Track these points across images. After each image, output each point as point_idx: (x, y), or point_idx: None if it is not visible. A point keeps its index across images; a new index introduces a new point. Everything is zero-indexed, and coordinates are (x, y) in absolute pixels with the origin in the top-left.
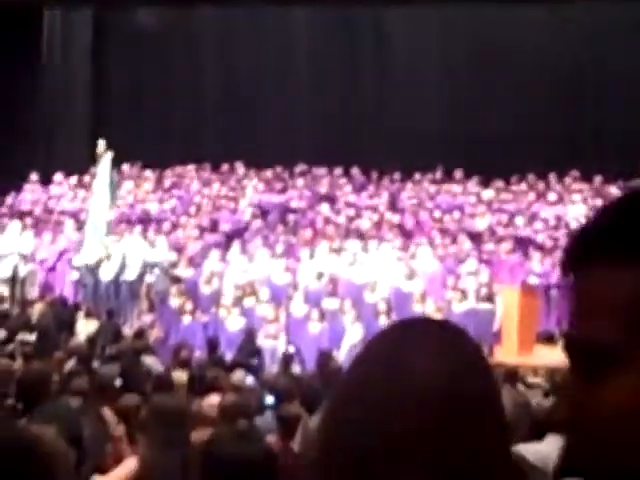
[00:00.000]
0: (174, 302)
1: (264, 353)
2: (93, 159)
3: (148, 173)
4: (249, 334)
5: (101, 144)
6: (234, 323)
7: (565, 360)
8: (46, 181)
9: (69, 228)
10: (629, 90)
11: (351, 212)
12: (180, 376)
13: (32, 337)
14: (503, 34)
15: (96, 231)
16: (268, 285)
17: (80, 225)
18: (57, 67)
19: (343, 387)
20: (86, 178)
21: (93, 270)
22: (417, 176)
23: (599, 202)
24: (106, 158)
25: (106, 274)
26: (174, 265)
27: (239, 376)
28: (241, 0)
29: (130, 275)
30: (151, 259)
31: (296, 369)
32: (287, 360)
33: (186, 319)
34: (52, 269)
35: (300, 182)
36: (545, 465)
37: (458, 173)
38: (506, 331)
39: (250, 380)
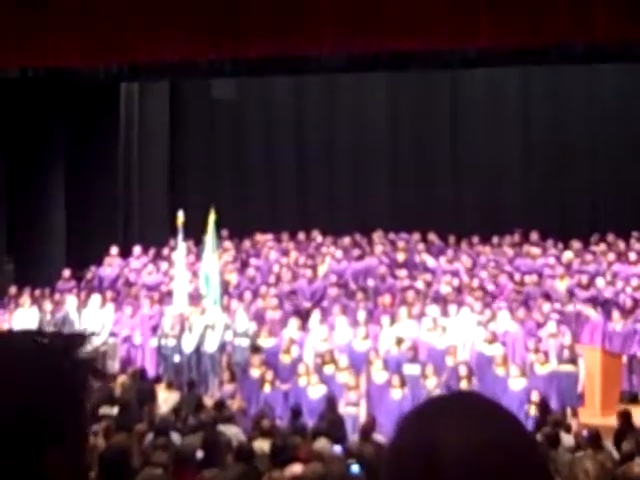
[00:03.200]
0: (255, 372)
1: (346, 421)
2: (172, 230)
3: (227, 244)
4: (330, 402)
5: (180, 215)
6: (315, 391)
7: None
8: (126, 254)
9: (147, 301)
10: None
11: (430, 277)
12: (262, 445)
13: (114, 411)
14: (580, 93)
15: (210, 293)
16: (348, 352)
17: (160, 298)
18: (135, 139)
19: (388, 464)
20: (165, 250)
21: (177, 342)
22: (495, 239)
23: None
24: (211, 220)
25: (187, 346)
26: (255, 335)
27: (322, 444)
28: (316, 69)
29: (211, 346)
30: (231, 329)
31: (378, 437)
32: (368, 428)
33: (267, 388)
34: (133, 342)
35: (378, 248)
36: None
37: (536, 235)
38: (589, 392)
39: (334, 448)
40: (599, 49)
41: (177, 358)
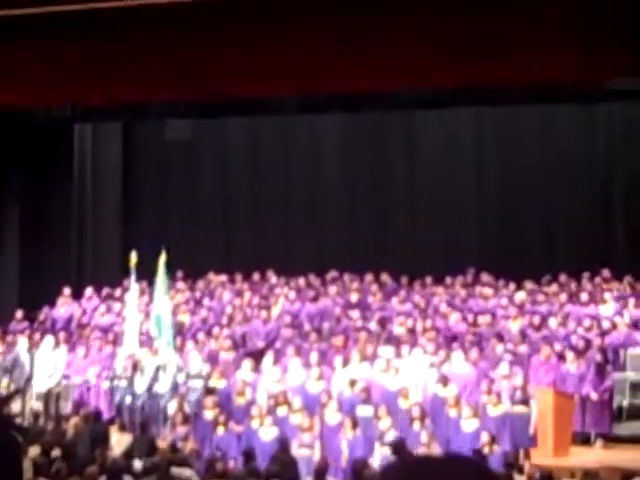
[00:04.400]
0: (208, 414)
1: (299, 463)
2: (124, 271)
3: (180, 284)
4: (282, 444)
5: (133, 256)
6: (268, 433)
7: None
8: (78, 295)
9: (99, 343)
10: None
11: (383, 318)
12: None
13: (62, 453)
14: (533, 134)
15: (162, 334)
16: (301, 394)
17: (114, 339)
18: (88, 180)
19: None
20: (117, 292)
21: (129, 383)
22: (448, 280)
23: (631, 301)
24: (161, 261)
25: (139, 387)
26: (208, 376)
27: None
28: (270, 110)
29: (163, 388)
30: (184, 371)
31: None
32: (321, 470)
33: (220, 430)
34: (86, 384)
35: (332, 289)
36: None
37: (489, 276)
38: (541, 433)
39: None
40: (552, 91)
41: (129, 400)
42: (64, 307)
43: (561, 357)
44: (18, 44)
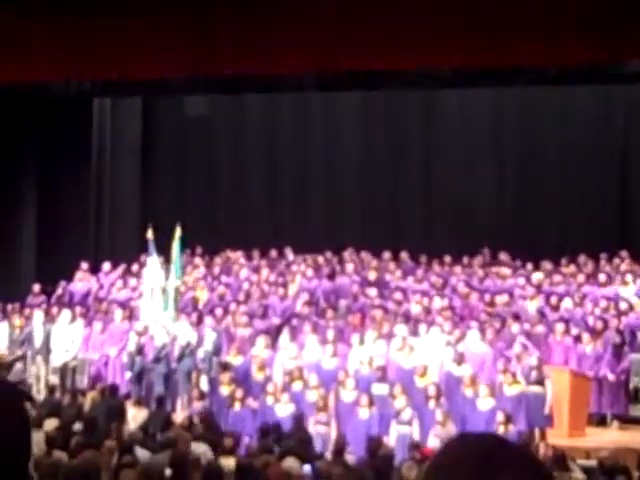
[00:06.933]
0: (224, 390)
1: (315, 440)
2: (142, 247)
3: (197, 260)
4: (298, 421)
5: (150, 230)
6: (283, 409)
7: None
8: (96, 270)
9: (119, 317)
10: None
11: (400, 296)
12: (228, 464)
13: (83, 427)
14: (552, 114)
15: (167, 309)
16: (316, 370)
17: (129, 314)
18: (107, 155)
19: None
20: (134, 267)
21: (143, 358)
22: (465, 259)
23: None
24: (176, 237)
25: (155, 361)
26: (224, 352)
27: (290, 464)
28: (288, 87)
29: (180, 363)
30: (200, 346)
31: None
32: (340, 447)
33: (236, 406)
34: (102, 358)
35: (350, 267)
36: None
37: (506, 256)
38: (557, 414)
39: (303, 468)
40: (570, 71)
41: (144, 375)
42: (82, 281)
43: (578, 338)
44: (36, 20)
